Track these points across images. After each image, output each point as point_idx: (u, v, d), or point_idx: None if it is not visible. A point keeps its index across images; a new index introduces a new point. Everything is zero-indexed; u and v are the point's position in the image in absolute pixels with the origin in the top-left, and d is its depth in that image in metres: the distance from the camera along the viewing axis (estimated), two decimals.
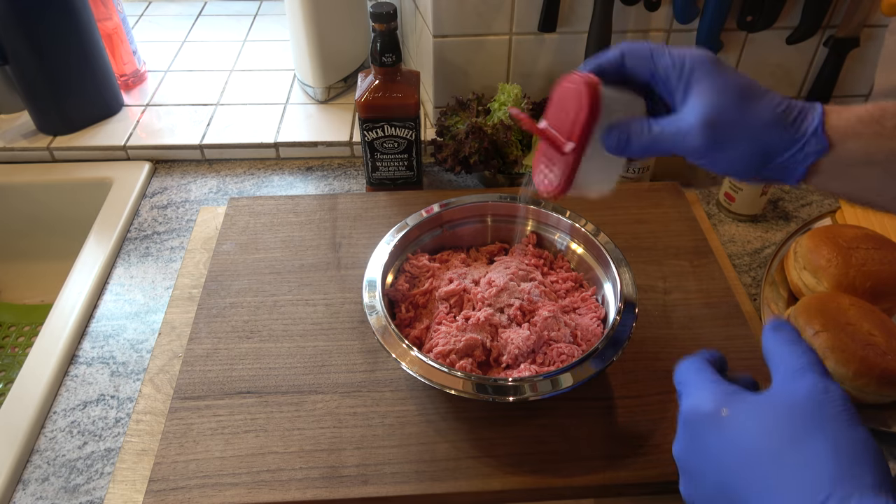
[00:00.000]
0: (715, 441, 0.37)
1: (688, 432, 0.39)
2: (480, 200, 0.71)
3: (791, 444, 0.34)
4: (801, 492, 0.32)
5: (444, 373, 0.54)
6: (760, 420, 0.36)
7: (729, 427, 0.36)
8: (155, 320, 0.73)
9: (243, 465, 0.56)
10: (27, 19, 0.85)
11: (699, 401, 0.39)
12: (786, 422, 0.35)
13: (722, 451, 0.36)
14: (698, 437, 0.38)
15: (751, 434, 0.35)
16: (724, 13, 0.85)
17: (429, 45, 0.89)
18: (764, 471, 0.34)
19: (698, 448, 0.38)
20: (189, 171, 0.94)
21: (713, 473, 0.37)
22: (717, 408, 0.37)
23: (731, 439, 0.36)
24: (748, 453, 0.35)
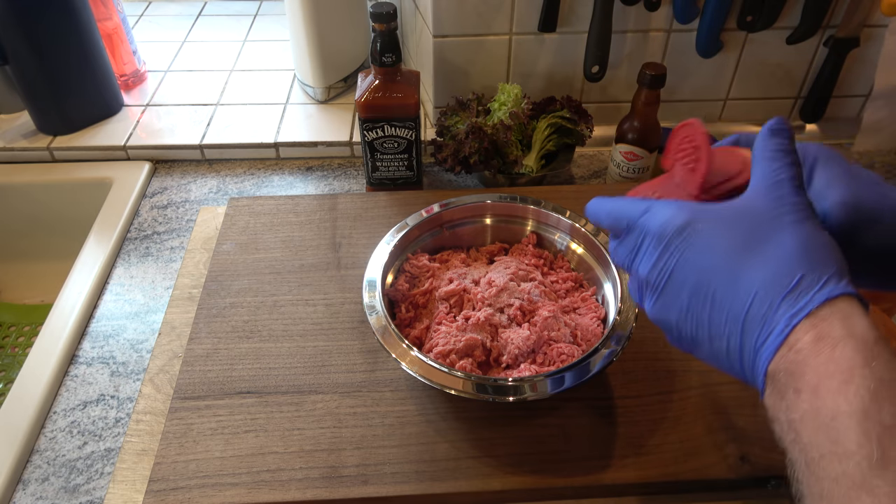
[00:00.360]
0: (689, 251, 0.38)
1: (658, 248, 0.39)
2: (480, 200, 0.71)
3: (760, 243, 0.36)
4: (776, 277, 0.34)
5: (444, 373, 0.54)
6: (732, 224, 0.37)
7: (702, 234, 0.37)
8: (155, 320, 0.73)
9: (243, 465, 0.56)
10: (27, 19, 0.85)
11: (670, 216, 0.39)
12: (763, 218, 0.37)
13: (695, 258, 0.37)
14: (671, 251, 0.38)
15: (723, 237, 0.37)
16: (724, 13, 0.85)
17: (429, 45, 0.89)
18: (737, 266, 0.36)
19: (671, 261, 0.38)
20: (189, 171, 0.94)
21: (687, 281, 0.38)
22: (690, 220, 0.38)
23: (705, 245, 0.37)
24: (723, 253, 0.36)
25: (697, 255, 0.37)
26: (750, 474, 0.56)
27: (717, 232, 0.37)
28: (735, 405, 0.60)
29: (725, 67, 0.93)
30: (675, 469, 0.56)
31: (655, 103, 0.80)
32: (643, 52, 0.90)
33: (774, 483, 0.56)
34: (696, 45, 0.90)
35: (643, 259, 0.40)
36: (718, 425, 0.59)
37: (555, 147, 0.87)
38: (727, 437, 0.58)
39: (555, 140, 0.87)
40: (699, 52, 0.90)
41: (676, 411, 0.60)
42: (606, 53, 0.86)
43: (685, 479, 0.56)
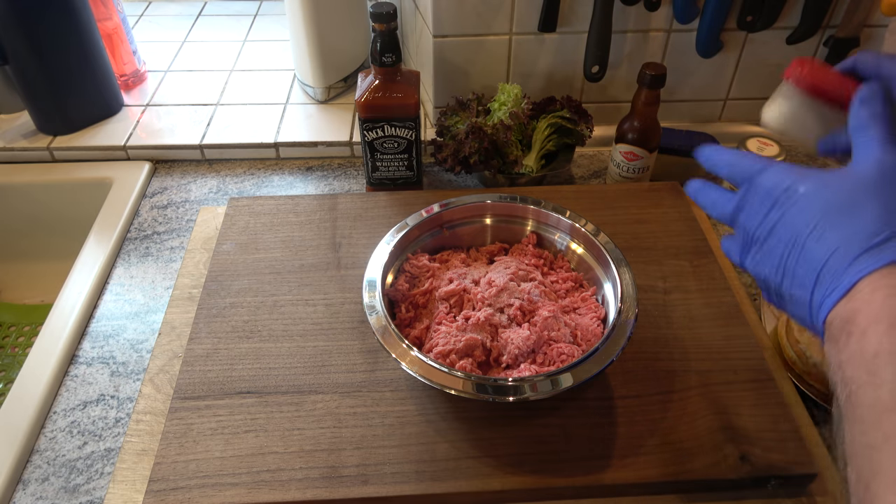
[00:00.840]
0: (792, 208, 0.40)
1: (766, 204, 0.42)
2: (480, 200, 0.71)
3: (852, 206, 0.38)
4: (856, 236, 0.37)
5: (444, 373, 0.54)
6: (831, 188, 0.39)
7: (805, 195, 0.40)
8: (155, 320, 0.73)
9: (243, 465, 0.56)
10: (27, 19, 0.85)
11: (782, 177, 0.42)
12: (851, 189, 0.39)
13: (795, 215, 0.40)
14: (777, 207, 0.41)
15: (822, 199, 0.39)
16: (724, 13, 0.85)
17: (429, 45, 0.89)
18: (828, 224, 0.38)
19: (774, 216, 0.41)
20: (189, 171, 0.94)
21: (784, 236, 0.40)
22: (797, 181, 0.41)
23: (805, 205, 0.40)
24: (819, 212, 0.39)
25: (797, 213, 0.40)
26: (750, 474, 0.56)
27: (818, 193, 0.39)
28: (735, 405, 0.60)
29: (725, 67, 0.93)
30: (675, 469, 0.56)
31: (655, 103, 0.80)
32: (643, 52, 0.90)
33: (774, 483, 0.56)
34: (696, 45, 0.90)
35: (751, 214, 0.43)
36: (718, 425, 0.59)
37: (555, 147, 0.87)
38: (727, 437, 0.58)
39: (555, 140, 0.87)
40: (699, 52, 0.90)
41: (676, 411, 0.60)
42: (606, 53, 0.86)
43: (685, 479, 0.56)
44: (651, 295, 0.71)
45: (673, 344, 0.66)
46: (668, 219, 0.80)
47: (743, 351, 0.65)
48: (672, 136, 0.88)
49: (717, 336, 0.67)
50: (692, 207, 0.82)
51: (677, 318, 0.68)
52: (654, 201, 0.82)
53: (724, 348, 0.65)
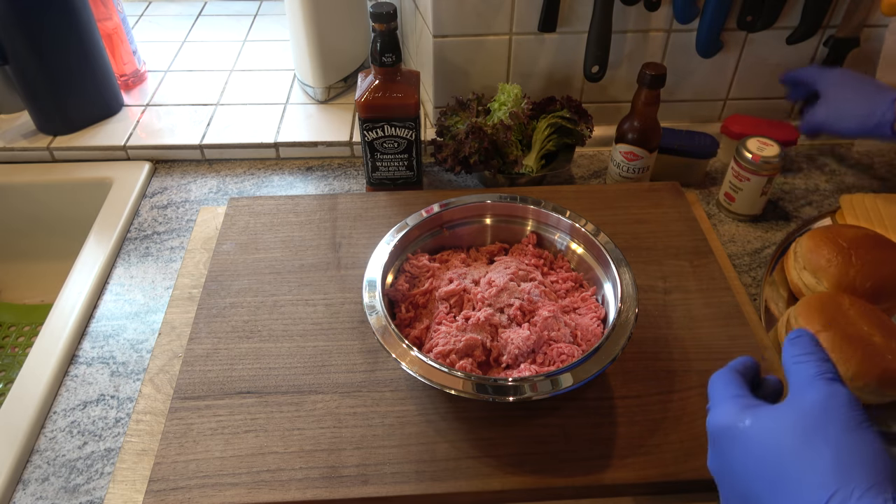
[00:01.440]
0: (735, 451, 0.40)
1: (713, 445, 0.43)
2: (480, 200, 0.71)
3: (797, 450, 0.36)
4: (809, 492, 0.35)
5: (444, 373, 0.54)
6: (772, 430, 0.38)
7: (746, 438, 0.40)
8: (155, 320, 0.73)
9: (243, 465, 0.56)
10: (27, 19, 0.85)
11: (719, 415, 0.43)
12: (793, 430, 0.38)
13: (741, 459, 0.39)
14: (722, 449, 0.41)
15: (764, 442, 0.38)
16: (724, 13, 0.85)
17: (429, 45, 0.89)
18: (775, 475, 0.37)
19: (723, 459, 0.41)
20: (189, 171, 0.94)
21: (737, 481, 0.40)
22: (734, 422, 0.41)
23: (746, 448, 0.39)
24: (761, 460, 0.38)
25: (742, 461, 0.39)
26: None
27: (760, 436, 0.39)
28: None
29: (725, 67, 0.93)
30: (675, 469, 0.56)
31: (655, 103, 0.80)
32: (643, 52, 0.90)
33: None
34: (696, 45, 0.90)
35: (709, 452, 0.44)
36: None
37: (555, 147, 0.87)
38: None
39: (555, 140, 0.87)
40: (699, 52, 0.90)
41: (676, 411, 0.60)
42: (606, 53, 0.86)
43: (685, 479, 0.56)
44: (651, 295, 0.71)
45: (673, 344, 0.66)
46: (668, 219, 0.80)
47: (743, 351, 0.65)
48: (672, 136, 0.88)
49: (718, 336, 0.67)
50: (692, 207, 0.82)
51: (677, 318, 0.68)
52: (654, 201, 0.82)
53: (725, 348, 0.65)
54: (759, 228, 0.85)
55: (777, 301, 0.74)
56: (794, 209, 0.88)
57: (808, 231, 0.76)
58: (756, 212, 0.85)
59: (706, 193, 0.90)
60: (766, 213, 0.87)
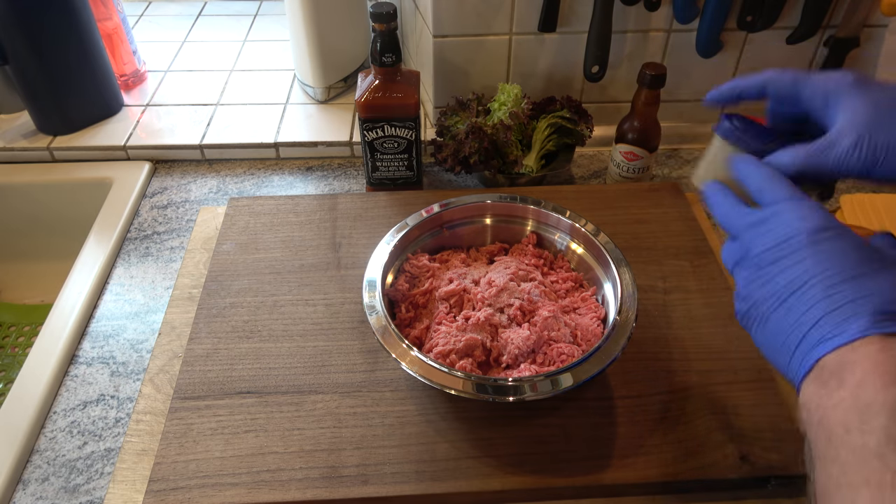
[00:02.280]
0: (811, 256, 0.39)
1: (781, 234, 0.41)
2: (480, 200, 0.71)
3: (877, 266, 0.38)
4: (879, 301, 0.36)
5: (444, 373, 0.54)
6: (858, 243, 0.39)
7: (830, 250, 0.39)
8: (155, 320, 0.73)
9: (243, 465, 0.56)
10: (27, 19, 0.85)
11: (809, 216, 0.40)
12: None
13: (815, 263, 0.39)
14: (793, 244, 0.40)
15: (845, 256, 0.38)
16: (724, 13, 0.85)
17: (429, 45, 0.89)
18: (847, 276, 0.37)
19: (789, 251, 0.40)
20: (189, 171, 0.94)
21: (794, 272, 0.39)
22: (824, 229, 0.40)
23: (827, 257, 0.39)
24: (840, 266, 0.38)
25: (815, 262, 0.39)
26: (750, 474, 0.56)
27: (843, 251, 0.39)
28: (735, 405, 0.60)
29: (725, 67, 0.93)
30: (675, 469, 0.56)
31: (655, 103, 0.80)
32: (643, 52, 0.90)
33: (774, 483, 0.56)
34: (696, 45, 0.90)
35: (764, 238, 0.42)
36: (718, 425, 0.59)
37: (555, 147, 0.87)
38: (727, 437, 0.58)
39: (555, 140, 0.87)
40: (699, 52, 0.90)
41: (676, 411, 0.60)
42: (606, 53, 0.86)
43: (685, 479, 0.56)
44: (651, 295, 0.71)
45: (673, 344, 0.66)
46: (668, 219, 0.80)
47: (743, 351, 0.65)
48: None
49: (717, 336, 0.67)
50: (692, 207, 0.82)
51: (677, 318, 0.68)
52: (654, 201, 0.82)
53: (724, 348, 0.65)
54: None
55: None
56: None
57: None
58: None
59: None
60: None
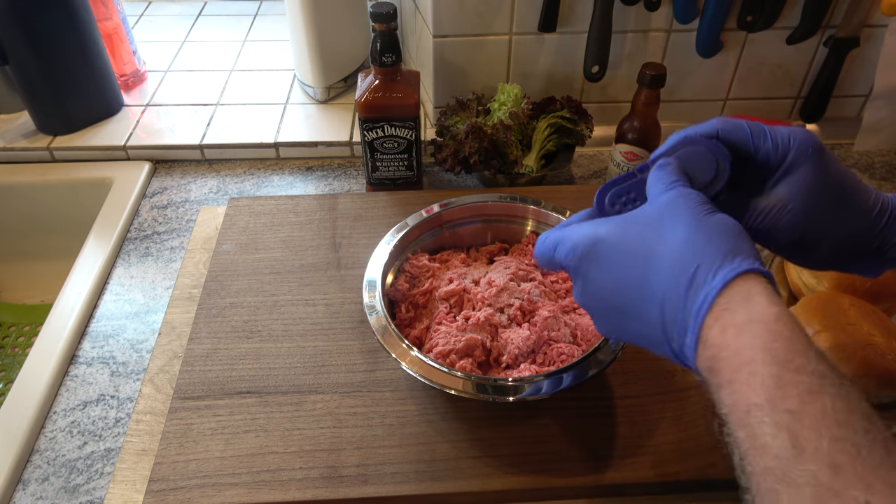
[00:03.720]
0: (597, 274, 0.39)
1: (575, 278, 0.41)
2: (480, 200, 0.71)
3: (658, 240, 0.36)
4: (674, 278, 0.34)
5: (444, 373, 0.54)
6: (629, 231, 0.38)
7: (605, 251, 0.38)
8: (155, 320, 0.73)
9: (243, 465, 0.56)
10: (27, 19, 0.85)
11: (570, 245, 0.40)
12: (651, 225, 0.37)
13: (603, 280, 0.38)
14: (582, 278, 0.40)
15: (620, 253, 0.37)
16: (724, 13, 0.85)
17: (429, 45, 0.89)
18: (640, 278, 0.36)
19: (587, 287, 0.40)
20: (189, 171, 0.94)
21: (606, 302, 0.39)
22: (593, 240, 0.39)
23: (606, 266, 0.38)
24: (624, 268, 0.37)
25: (605, 277, 0.38)
26: None
27: (613, 249, 0.38)
28: None
29: (725, 67, 0.93)
30: (675, 469, 0.56)
31: (655, 103, 0.80)
32: (643, 52, 0.90)
33: None
34: (696, 45, 0.90)
35: (574, 287, 0.42)
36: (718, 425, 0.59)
37: (555, 147, 0.87)
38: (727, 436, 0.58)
39: (555, 140, 0.87)
40: (699, 52, 0.90)
41: (676, 411, 0.60)
42: (606, 53, 0.86)
43: (685, 479, 0.56)
44: None
45: None
46: None
47: None
48: None
49: None
50: None
51: None
52: None
53: None
54: None
55: None
56: None
57: None
58: None
59: None
60: None
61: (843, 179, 0.41)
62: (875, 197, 0.42)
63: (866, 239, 0.41)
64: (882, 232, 0.41)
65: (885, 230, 0.41)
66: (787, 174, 0.41)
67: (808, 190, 0.40)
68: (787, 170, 0.41)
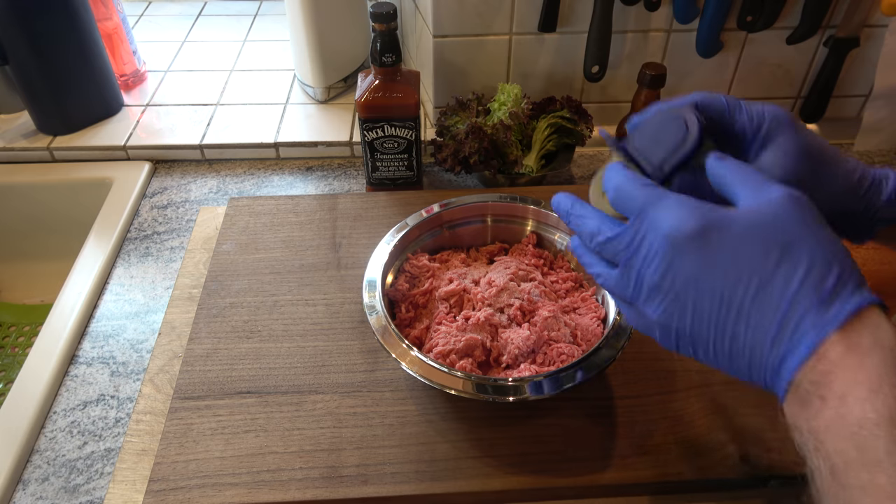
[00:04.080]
0: (709, 264, 0.35)
1: (671, 254, 0.36)
2: (480, 200, 0.71)
3: (788, 249, 0.34)
4: (806, 290, 0.33)
5: (444, 373, 0.54)
6: (748, 234, 0.35)
7: (715, 245, 0.35)
8: (155, 320, 0.73)
9: (243, 465, 0.56)
10: (27, 19, 0.85)
11: (682, 219, 0.36)
12: (776, 231, 0.35)
13: (718, 271, 0.35)
14: (687, 260, 0.36)
15: (738, 250, 0.35)
16: (724, 13, 0.85)
17: (429, 45, 0.89)
18: (765, 278, 0.34)
19: (687, 270, 0.36)
20: (189, 171, 0.94)
21: (707, 292, 0.35)
22: (704, 227, 0.36)
23: (719, 258, 0.35)
24: (748, 265, 0.35)
25: (719, 269, 0.35)
26: (750, 474, 0.56)
27: (736, 244, 0.35)
28: (735, 405, 0.60)
29: (725, 67, 0.93)
30: (675, 469, 0.56)
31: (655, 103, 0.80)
32: (643, 52, 0.90)
33: (774, 483, 0.56)
34: (696, 45, 0.90)
35: (650, 261, 0.37)
36: (718, 425, 0.59)
37: (555, 147, 0.87)
38: (727, 437, 0.58)
39: (555, 140, 0.87)
40: (699, 52, 0.90)
41: (676, 411, 0.60)
42: (606, 53, 0.86)
43: (685, 479, 0.56)
44: None
45: None
46: None
47: None
48: None
49: None
50: None
51: None
52: None
53: None
54: None
55: None
56: None
57: None
58: None
59: None
60: None
61: (821, 147, 0.42)
62: (855, 164, 0.42)
63: (851, 204, 0.42)
64: (865, 196, 0.42)
65: (868, 194, 0.42)
66: (766, 145, 0.41)
67: (787, 157, 0.40)
68: (764, 140, 0.41)
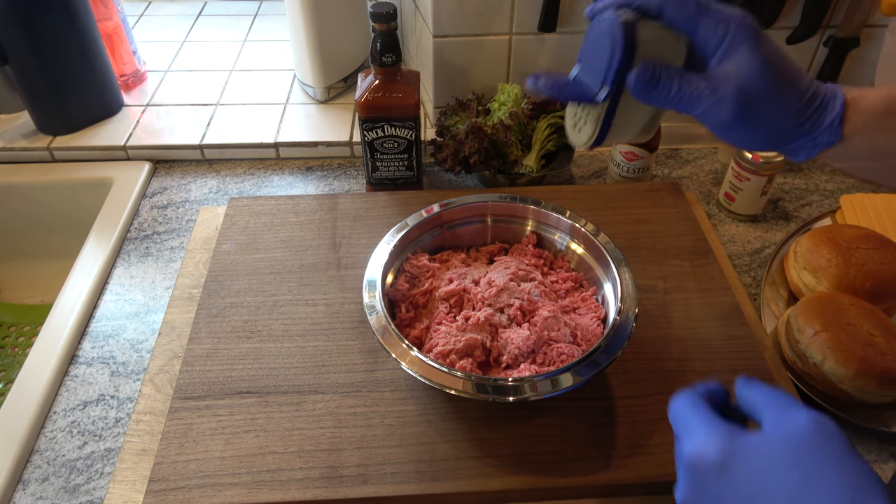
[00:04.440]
0: (726, 487, 0.36)
1: (693, 479, 0.38)
2: (480, 200, 0.71)
3: (808, 480, 0.34)
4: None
5: (444, 373, 0.54)
6: (771, 461, 0.36)
7: (738, 472, 0.36)
8: (155, 320, 0.73)
9: (243, 465, 0.56)
10: (27, 19, 0.85)
11: (702, 447, 0.38)
12: (795, 460, 0.35)
13: (734, 496, 0.36)
14: (705, 484, 0.37)
15: (764, 476, 0.36)
16: None
17: (429, 45, 0.89)
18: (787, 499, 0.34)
19: (706, 495, 0.37)
20: (189, 171, 0.94)
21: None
22: (722, 455, 0.37)
23: (743, 484, 0.36)
24: (763, 495, 0.35)
25: (735, 499, 0.36)
26: None
27: (756, 470, 0.36)
28: None
29: None
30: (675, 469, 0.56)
31: None
32: None
33: None
34: None
35: (680, 485, 0.40)
36: None
37: (555, 147, 0.87)
38: None
39: (555, 140, 0.87)
40: None
41: None
42: None
43: None
44: (651, 295, 0.71)
45: (673, 344, 0.66)
46: (668, 219, 0.80)
47: (743, 351, 0.65)
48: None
49: (717, 336, 0.67)
50: (692, 207, 0.82)
51: (677, 318, 0.68)
52: (654, 201, 0.82)
53: (724, 348, 0.65)
54: (759, 228, 0.85)
55: (777, 301, 0.74)
56: (794, 209, 0.88)
57: (808, 231, 0.76)
58: (756, 212, 0.85)
59: (706, 193, 0.90)
60: (766, 213, 0.87)
61: (780, 62, 0.42)
62: (810, 81, 0.43)
63: (799, 121, 0.43)
64: (813, 115, 0.42)
65: (816, 113, 0.42)
66: (728, 54, 0.41)
67: (747, 70, 0.41)
68: (726, 50, 0.42)
